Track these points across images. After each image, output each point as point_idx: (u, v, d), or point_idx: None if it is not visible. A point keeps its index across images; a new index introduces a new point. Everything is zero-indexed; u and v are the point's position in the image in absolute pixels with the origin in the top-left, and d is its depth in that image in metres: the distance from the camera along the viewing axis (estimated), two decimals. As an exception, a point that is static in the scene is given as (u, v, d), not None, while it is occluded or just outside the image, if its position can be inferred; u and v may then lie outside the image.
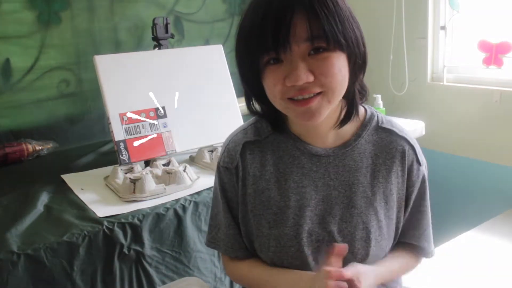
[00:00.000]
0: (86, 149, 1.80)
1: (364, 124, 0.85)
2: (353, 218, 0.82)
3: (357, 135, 0.84)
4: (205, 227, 1.31)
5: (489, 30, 2.02)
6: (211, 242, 0.95)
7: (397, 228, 0.87)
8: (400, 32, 2.19)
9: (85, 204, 1.27)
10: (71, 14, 1.83)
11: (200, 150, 1.59)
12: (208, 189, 1.35)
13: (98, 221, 1.16)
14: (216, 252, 1.33)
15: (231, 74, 1.72)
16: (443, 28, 2.17)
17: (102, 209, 1.23)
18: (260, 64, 0.75)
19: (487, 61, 2.02)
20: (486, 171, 2.09)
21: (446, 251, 1.74)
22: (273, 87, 0.74)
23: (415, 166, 0.85)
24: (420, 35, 2.21)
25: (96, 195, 1.34)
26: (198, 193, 1.33)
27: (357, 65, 0.76)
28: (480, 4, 2.05)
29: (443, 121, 2.19)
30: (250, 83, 0.80)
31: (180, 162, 1.54)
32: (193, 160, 1.62)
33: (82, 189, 1.38)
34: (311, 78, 0.71)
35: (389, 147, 0.84)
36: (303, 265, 0.83)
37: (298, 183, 0.84)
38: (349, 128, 0.84)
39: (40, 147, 1.72)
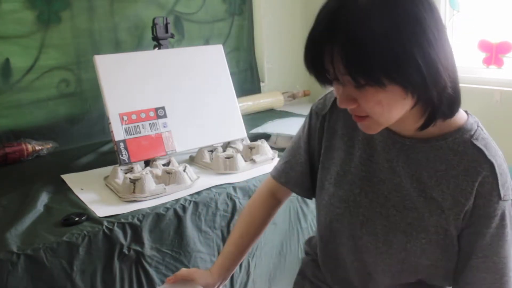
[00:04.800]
0: (86, 149, 1.80)
1: (456, 131, 0.78)
2: (405, 210, 0.81)
3: (443, 137, 0.78)
4: (205, 227, 1.31)
5: (489, 30, 2.02)
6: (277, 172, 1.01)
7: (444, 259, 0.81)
8: (400, 32, 2.18)
9: (85, 204, 1.26)
10: (71, 14, 1.83)
11: (200, 150, 1.59)
12: (208, 189, 1.35)
13: (98, 221, 1.16)
14: (216, 252, 1.33)
15: (231, 74, 1.72)
16: (443, 28, 2.17)
17: (102, 209, 1.23)
18: None
19: (487, 61, 2.02)
20: (486, 171, 2.09)
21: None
22: (337, 97, 0.76)
23: (491, 197, 0.75)
24: (420, 35, 2.21)
25: (96, 195, 1.33)
26: (198, 193, 1.32)
27: (421, 94, 0.70)
28: (480, 4, 2.05)
29: (443, 121, 2.19)
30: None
31: (180, 162, 1.54)
32: (193, 160, 1.61)
33: (82, 189, 1.37)
34: (351, 106, 0.73)
35: (470, 164, 0.77)
36: (343, 231, 0.87)
37: (368, 155, 0.85)
38: (439, 128, 0.78)
39: (40, 147, 1.71)
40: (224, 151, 1.58)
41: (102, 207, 1.24)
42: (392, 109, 0.71)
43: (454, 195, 0.77)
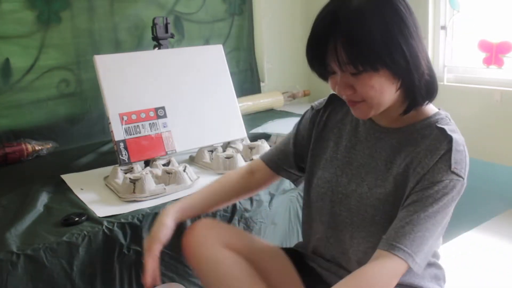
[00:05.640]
0: (86, 149, 1.80)
1: (425, 119, 0.90)
2: (375, 187, 0.91)
3: (413, 124, 0.90)
4: (205, 227, 1.31)
5: (489, 30, 2.02)
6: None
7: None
8: (400, 32, 2.18)
9: (85, 204, 1.26)
10: (71, 14, 1.83)
11: (200, 150, 1.59)
12: (208, 189, 1.35)
13: (98, 221, 1.16)
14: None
15: (231, 74, 1.72)
16: (443, 28, 2.17)
17: (102, 209, 1.23)
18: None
19: (488, 61, 2.02)
20: (486, 171, 2.09)
21: (446, 251, 1.73)
22: (334, 90, 0.89)
23: (442, 166, 0.83)
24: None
25: (96, 195, 1.33)
26: (198, 193, 1.32)
27: (405, 77, 0.83)
28: (480, 4, 2.05)
29: (443, 121, 2.18)
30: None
31: (180, 162, 1.54)
32: (193, 160, 1.61)
33: (82, 189, 1.38)
34: (350, 92, 0.85)
35: (432, 142, 0.86)
36: (324, 208, 0.99)
37: (354, 144, 0.98)
38: (412, 118, 0.90)
39: (40, 147, 1.72)
40: (224, 151, 1.58)
41: (102, 207, 1.24)
42: (383, 93, 0.83)
43: (416, 169, 0.86)
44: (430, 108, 0.92)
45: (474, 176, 2.25)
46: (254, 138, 1.70)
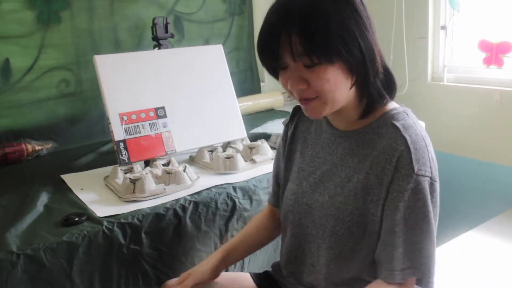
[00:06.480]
0: (86, 149, 1.80)
1: (381, 116, 0.88)
2: (335, 196, 0.90)
3: (370, 124, 0.88)
4: (205, 227, 1.31)
5: (489, 30, 2.02)
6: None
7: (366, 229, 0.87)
8: (400, 32, 2.19)
9: (85, 204, 1.26)
10: (71, 14, 1.83)
11: (200, 150, 1.59)
12: (208, 189, 1.35)
13: (98, 221, 1.16)
14: (213, 250, 1.32)
15: (231, 74, 1.72)
16: (443, 28, 2.17)
17: (102, 209, 1.23)
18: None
19: (488, 61, 2.02)
20: (486, 171, 2.09)
21: (446, 251, 1.73)
22: (285, 86, 0.87)
23: (405, 171, 0.80)
24: (420, 35, 2.21)
25: (96, 195, 1.33)
26: (198, 193, 1.32)
27: (360, 72, 0.82)
28: (480, 4, 2.05)
29: (443, 121, 2.19)
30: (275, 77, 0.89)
31: (180, 162, 1.54)
32: (193, 160, 1.61)
33: (82, 189, 1.37)
34: (303, 86, 0.82)
35: (388, 142, 0.84)
36: (293, 221, 0.98)
37: (317, 153, 0.97)
38: (369, 117, 0.89)
39: (40, 147, 1.71)
40: (224, 151, 1.58)
41: (102, 207, 1.24)
42: (337, 87, 0.81)
43: (377, 175, 0.84)
44: (389, 105, 0.90)
45: (474, 176, 2.28)
46: (254, 138, 1.70)
